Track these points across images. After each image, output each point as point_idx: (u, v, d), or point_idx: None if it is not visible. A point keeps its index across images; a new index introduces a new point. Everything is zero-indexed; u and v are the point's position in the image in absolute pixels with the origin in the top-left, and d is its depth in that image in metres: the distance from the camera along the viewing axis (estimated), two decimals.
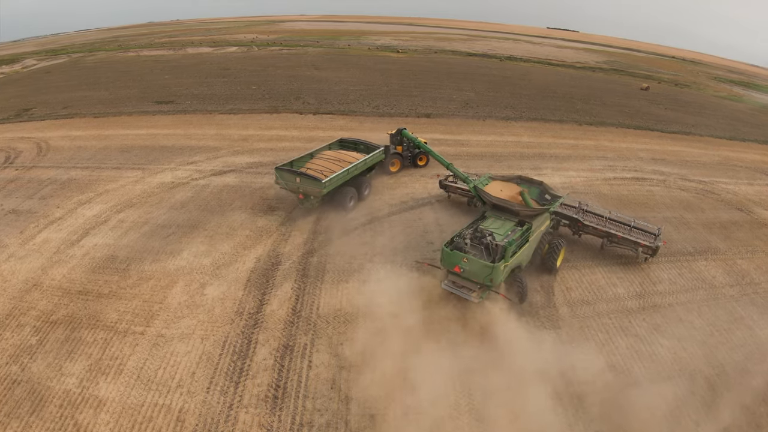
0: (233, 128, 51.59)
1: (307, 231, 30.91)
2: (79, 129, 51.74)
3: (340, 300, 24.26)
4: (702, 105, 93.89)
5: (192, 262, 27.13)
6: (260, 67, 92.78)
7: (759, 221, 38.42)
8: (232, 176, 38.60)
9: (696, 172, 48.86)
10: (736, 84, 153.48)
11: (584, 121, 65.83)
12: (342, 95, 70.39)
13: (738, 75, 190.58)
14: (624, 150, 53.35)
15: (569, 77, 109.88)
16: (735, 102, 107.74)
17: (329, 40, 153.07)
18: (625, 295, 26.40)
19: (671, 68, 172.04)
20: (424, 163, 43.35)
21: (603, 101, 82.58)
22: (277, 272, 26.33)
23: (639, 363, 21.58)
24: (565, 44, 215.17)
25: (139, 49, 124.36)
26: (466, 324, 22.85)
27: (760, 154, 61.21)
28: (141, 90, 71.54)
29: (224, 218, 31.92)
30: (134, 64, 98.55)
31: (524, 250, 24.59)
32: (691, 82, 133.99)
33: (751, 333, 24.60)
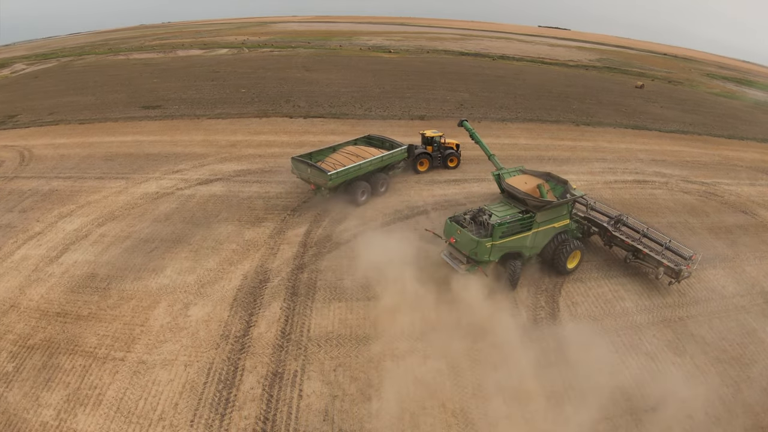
0: (221, 134, 49.99)
1: (297, 244, 29.34)
2: (63, 136, 50.08)
3: (332, 321, 22.78)
4: (697, 102, 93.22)
5: (175, 279, 25.58)
6: (250, 70, 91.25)
7: (764, 224, 37.51)
8: (219, 185, 37.00)
9: (697, 173, 47.90)
10: (729, 80, 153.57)
11: (581, 121, 64.74)
12: (333, 97, 68.91)
13: (730, 71, 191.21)
14: (623, 151, 52.27)
15: (563, 76, 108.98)
16: (730, 99, 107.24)
17: (321, 40, 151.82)
18: (633, 309, 25.20)
19: (664, 65, 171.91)
20: (454, 165, 43.36)
21: (599, 100, 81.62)
22: (265, 290, 24.77)
23: (652, 383, 20.46)
24: (557, 42, 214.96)
25: (129, 52, 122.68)
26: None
27: (759, 153, 60.53)
28: (128, 94, 69.87)
29: (210, 231, 30.38)
30: (123, 67, 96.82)
31: (522, 238, 25.53)
32: (684, 79, 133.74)
33: (765, 347, 23.59)
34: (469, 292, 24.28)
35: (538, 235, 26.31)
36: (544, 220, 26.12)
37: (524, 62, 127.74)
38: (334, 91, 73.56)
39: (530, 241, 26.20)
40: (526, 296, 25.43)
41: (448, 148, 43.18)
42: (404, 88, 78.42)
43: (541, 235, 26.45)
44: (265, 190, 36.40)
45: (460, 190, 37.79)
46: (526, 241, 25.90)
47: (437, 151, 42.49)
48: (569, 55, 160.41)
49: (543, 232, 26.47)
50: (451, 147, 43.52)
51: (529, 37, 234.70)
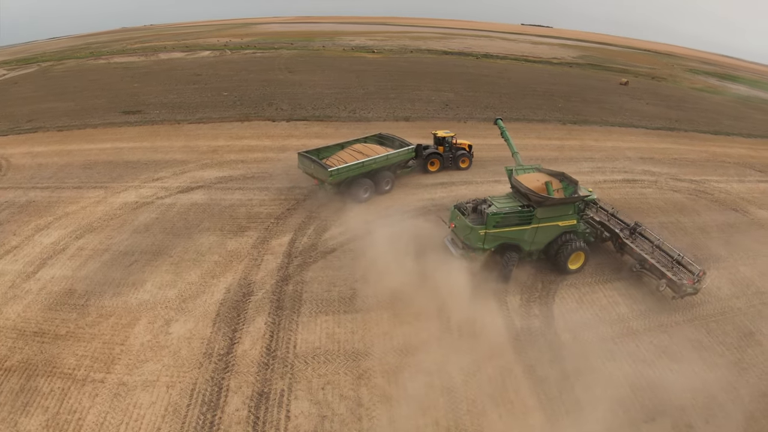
0: (202, 139, 48.81)
1: (281, 254, 28.32)
2: (41, 144, 48.62)
3: (319, 336, 21.84)
4: (681, 99, 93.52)
5: (156, 294, 24.50)
6: (232, 72, 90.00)
7: (756, 222, 37.37)
8: (200, 193, 35.89)
9: (686, 170, 47.71)
10: (711, 75, 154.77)
11: (567, 119, 64.40)
12: (316, 99, 67.88)
13: (713, 66, 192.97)
14: (610, 149, 51.92)
15: (547, 74, 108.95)
16: (714, 94, 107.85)
17: (303, 41, 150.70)
18: (629, 315, 24.64)
19: (646, 62, 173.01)
20: (466, 166, 43.32)
21: (583, 98, 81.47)
22: (248, 304, 23.75)
23: (649, 392, 19.89)
24: (539, 40, 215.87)
25: (110, 55, 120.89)
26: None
27: (745, 149, 60.73)
28: (108, 99, 68.28)
29: (191, 242, 29.26)
30: (104, 71, 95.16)
31: (520, 231, 26.14)
32: (667, 75, 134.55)
33: (763, 350, 23.20)
34: (459, 301, 23.81)
35: (540, 231, 26.49)
36: (545, 216, 26.19)
37: (508, 60, 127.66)
38: (317, 92, 72.59)
39: (529, 236, 26.47)
40: (519, 304, 24.77)
41: (459, 148, 43.21)
42: (388, 88, 77.67)
43: (542, 231, 26.58)
44: (248, 197, 35.38)
45: (447, 194, 37.09)
46: (524, 234, 26.30)
47: (448, 152, 42.53)
48: (552, 53, 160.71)
49: (545, 228, 26.55)
50: (462, 148, 43.49)
51: (511, 35, 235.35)
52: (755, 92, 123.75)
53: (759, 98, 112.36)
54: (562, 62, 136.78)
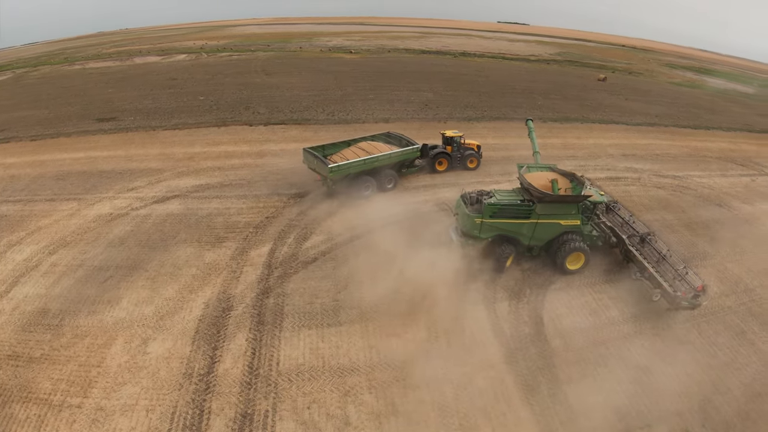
0: (178, 146, 47.54)
1: (261, 265, 27.33)
2: (14, 155, 46.97)
3: (303, 351, 20.98)
4: (660, 94, 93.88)
5: (132, 312, 23.43)
6: (209, 76, 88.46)
7: (740, 217, 37.37)
8: (176, 203, 34.72)
9: (668, 166, 47.64)
10: (688, 69, 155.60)
11: (548, 117, 64.10)
12: (294, 102, 66.76)
13: (689, 61, 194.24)
14: (592, 147, 51.70)
15: (525, 71, 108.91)
16: (691, 88, 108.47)
17: (280, 43, 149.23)
18: (619, 318, 24.25)
19: (623, 57, 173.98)
20: (474, 166, 43.40)
21: (563, 95, 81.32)
22: (228, 320, 22.80)
23: (644, 398, 19.51)
24: (516, 38, 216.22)
25: (85, 61, 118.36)
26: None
27: (726, 142, 61.03)
28: (83, 106, 66.52)
29: (168, 255, 28.16)
30: (79, 77, 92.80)
31: (518, 224, 26.65)
32: (644, 70, 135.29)
33: (755, 349, 22.98)
34: (446, 309, 23.37)
35: (540, 227, 26.81)
36: (545, 213, 26.45)
37: (486, 59, 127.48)
38: (294, 95, 71.49)
39: (528, 230, 26.91)
40: (508, 310, 24.17)
41: (467, 148, 43.27)
42: (366, 89, 76.83)
43: (543, 227, 26.87)
44: (226, 206, 34.33)
45: (430, 197, 36.45)
46: (522, 228, 26.82)
47: (456, 152, 42.61)
48: (529, 50, 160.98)
49: (546, 225, 26.81)
50: (471, 148, 43.52)
51: (488, 33, 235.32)
52: (732, 85, 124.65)
53: (736, 91, 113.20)
54: (540, 59, 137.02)
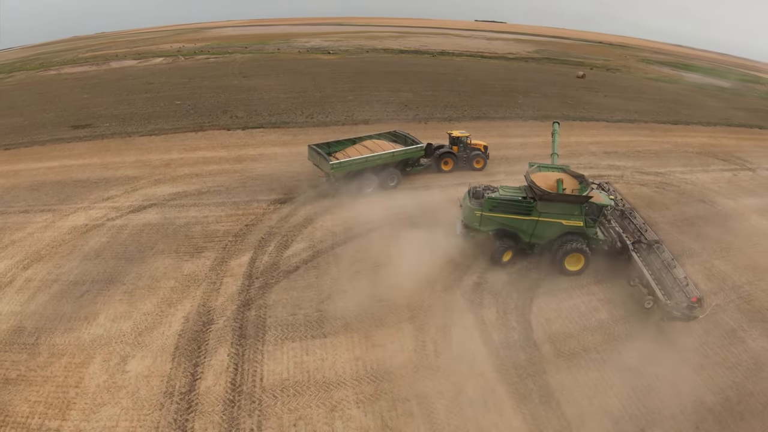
0: (154, 152, 46.40)
1: (241, 275, 26.48)
2: None
3: (287, 365, 20.25)
4: (639, 89, 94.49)
5: (110, 328, 22.50)
6: (186, 79, 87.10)
7: (724, 213, 37.56)
8: (153, 212, 33.68)
9: (650, 163, 47.74)
10: (665, 65, 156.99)
11: (528, 116, 64.04)
12: (273, 105, 65.92)
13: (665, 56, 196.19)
14: (574, 144, 51.53)
15: (504, 69, 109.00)
16: (669, 84, 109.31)
17: (258, 45, 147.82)
18: (609, 321, 24.00)
19: (600, 53, 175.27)
20: (480, 167, 43.28)
21: (543, 93, 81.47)
22: (209, 334, 21.97)
23: (637, 402, 19.28)
24: (494, 36, 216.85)
25: (61, 66, 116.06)
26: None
27: (706, 137, 61.57)
28: (57, 113, 64.88)
29: (145, 267, 27.17)
30: (54, 83, 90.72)
31: (518, 220, 27.00)
32: (621, 66, 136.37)
33: (746, 347, 22.98)
34: (432, 318, 23.02)
35: (541, 225, 26.95)
36: (546, 211, 26.56)
37: (464, 57, 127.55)
38: (273, 97, 70.62)
39: (528, 227, 27.14)
40: (495, 316, 23.69)
41: (474, 149, 43.25)
42: (345, 90, 76.19)
43: (544, 226, 26.97)
44: (204, 214, 33.37)
45: (411, 200, 35.85)
46: (522, 224, 27.12)
47: (463, 152, 42.79)
48: (507, 48, 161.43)
49: (547, 224, 26.89)
50: (477, 148, 43.44)
51: (466, 31, 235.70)
52: (709, 80, 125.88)
53: (713, 86, 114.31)
54: (518, 57, 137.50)
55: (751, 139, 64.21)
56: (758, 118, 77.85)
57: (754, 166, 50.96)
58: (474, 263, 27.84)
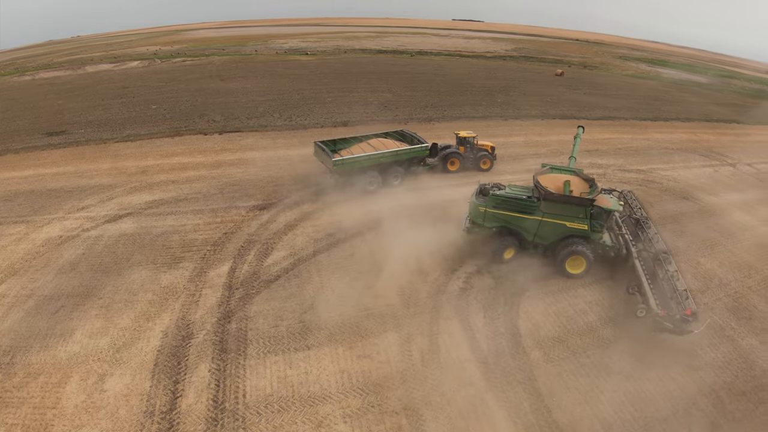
0: (130, 159, 45.29)
1: (221, 286, 25.62)
2: None
3: (271, 380, 19.53)
4: (617, 86, 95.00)
5: (86, 345, 21.57)
6: (162, 83, 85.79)
7: (707, 209, 37.68)
8: (129, 222, 32.67)
9: (632, 160, 47.86)
10: (642, 61, 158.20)
11: (509, 115, 63.89)
12: (250, 108, 64.98)
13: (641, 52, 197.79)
14: (555, 143, 51.40)
15: (483, 68, 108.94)
16: (647, 80, 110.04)
17: (235, 46, 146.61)
18: (597, 323, 23.71)
19: (577, 51, 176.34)
20: (487, 167, 43.33)
21: (522, 91, 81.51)
22: (189, 349, 21.16)
23: (629, 406, 19.02)
24: (472, 35, 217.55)
25: (36, 71, 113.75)
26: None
27: (686, 133, 61.91)
28: (32, 120, 63.36)
29: (122, 280, 26.20)
30: (28, 89, 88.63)
31: (521, 219, 27.09)
32: (599, 63, 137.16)
33: (735, 346, 22.94)
34: (418, 325, 22.55)
35: (544, 225, 26.93)
36: (549, 211, 26.59)
37: (443, 57, 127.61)
38: (250, 100, 69.71)
39: (531, 227, 27.16)
40: (483, 323, 23.21)
41: (481, 149, 43.36)
42: (324, 92, 75.60)
43: (547, 226, 26.94)
44: (181, 222, 32.44)
45: (394, 204, 35.05)
46: (525, 223, 27.17)
47: (469, 152, 42.85)
48: (485, 47, 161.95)
49: (550, 224, 26.86)
50: (484, 149, 43.51)
51: (444, 30, 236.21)
52: (686, 76, 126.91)
53: (691, 81, 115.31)
54: (496, 56, 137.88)
55: (730, 134, 64.69)
56: (736, 113, 78.51)
57: (735, 161, 51.19)
58: (459, 268, 27.46)
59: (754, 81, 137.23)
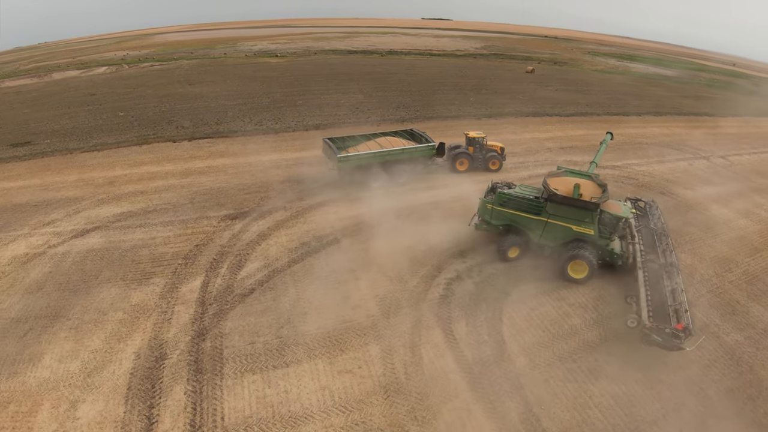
0: (97, 169, 43.80)
1: (193, 302, 24.57)
2: None
3: (249, 401, 18.67)
4: (587, 82, 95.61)
5: (57, 370, 20.45)
6: (129, 89, 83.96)
7: (684, 204, 37.81)
8: (97, 236, 31.38)
9: (606, 156, 47.77)
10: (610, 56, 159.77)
11: (482, 114, 63.65)
12: (220, 113, 63.73)
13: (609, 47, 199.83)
14: (530, 141, 51.28)
15: (454, 67, 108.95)
16: (617, 75, 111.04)
17: (204, 49, 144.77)
18: (582, 326, 23.42)
19: (546, 47, 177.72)
20: (496, 168, 43.37)
21: (494, 89, 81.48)
22: (163, 371, 20.20)
23: (618, 410, 18.72)
24: (441, 33, 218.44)
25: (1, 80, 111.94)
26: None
27: (658, 127, 62.53)
28: None
29: (90, 298, 24.99)
30: None
31: (527, 218, 27.40)
32: (568, 59, 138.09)
33: (720, 342, 23.00)
34: (399, 336, 22.00)
35: (550, 227, 27.03)
36: (556, 213, 26.62)
37: (413, 56, 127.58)
38: (220, 105, 68.51)
39: (537, 227, 27.34)
40: (466, 331, 22.67)
41: (490, 150, 43.30)
42: (295, 94, 74.78)
43: (553, 228, 27.01)
44: (151, 235, 31.28)
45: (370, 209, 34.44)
46: (530, 223, 27.43)
47: (478, 153, 42.95)
48: (455, 45, 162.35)
49: (556, 227, 26.90)
50: (494, 150, 43.43)
51: (413, 30, 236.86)
52: (654, 69, 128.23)
53: (659, 75, 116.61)
54: (467, 54, 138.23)
55: (701, 126, 65.34)
56: (706, 106, 79.57)
57: (708, 154, 51.62)
58: (438, 275, 26.94)
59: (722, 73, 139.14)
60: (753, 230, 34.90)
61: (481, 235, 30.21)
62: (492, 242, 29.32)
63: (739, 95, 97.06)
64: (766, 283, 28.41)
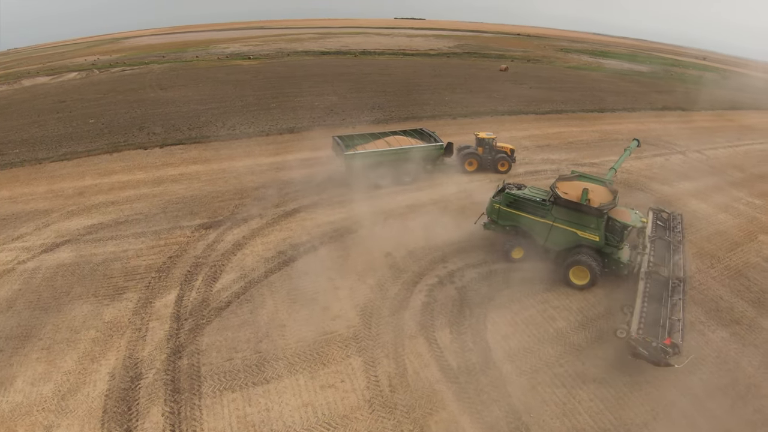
0: (67, 180, 42.47)
1: (168, 318, 23.67)
2: None
3: (229, 421, 17.93)
4: (561, 79, 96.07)
5: (29, 394, 19.44)
6: (100, 95, 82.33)
7: (663, 200, 37.94)
8: (68, 250, 30.20)
9: (584, 154, 48.10)
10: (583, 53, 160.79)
11: (457, 113, 63.43)
12: (192, 118, 62.59)
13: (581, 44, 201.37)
14: (506, 140, 50.72)
15: (428, 66, 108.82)
16: (590, 71, 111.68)
17: (176, 53, 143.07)
18: (567, 329, 23.18)
19: (519, 45, 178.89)
20: (505, 169, 43.17)
21: (469, 89, 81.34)
22: (139, 392, 19.31)
23: (608, 414, 18.51)
24: (414, 33, 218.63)
25: None
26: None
27: (633, 123, 63.08)
28: None
29: (62, 316, 23.93)
30: None
31: (532, 220, 27.33)
32: (541, 57, 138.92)
33: (706, 340, 22.94)
34: (382, 347, 21.54)
35: (555, 230, 26.76)
36: (560, 217, 26.44)
37: (387, 56, 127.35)
38: (192, 110, 67.30)
39: (542, 230, 27.15)
40: (450, 339, 22.20)
41: (500, 151, 43.33)
42: (268, 97, 73.88)
43: (558, 232, 26.73)
44: (123, 248, 30.23)
45: (347, 215, 34.08)
46: (535, 225, 27.29)
47: (488, 154, 43.03)
48: (429, 45, 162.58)
49: (561, 231, 26.60)
50: (503, 151, 43.43)
51: (386, 29, 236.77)
52: (628, 65, 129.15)
53: (633, 71, 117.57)
54: (440, 53, 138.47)
55: (676, 121, 65.95)
56: (679, 100, 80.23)
57: (684, 149, 51.96)
58: (420, 280, 26.50)
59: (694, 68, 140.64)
60: (732, 224, 35.03)
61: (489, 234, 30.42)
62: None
63: (711, 89, 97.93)
64: (749, 278, 28.44)
